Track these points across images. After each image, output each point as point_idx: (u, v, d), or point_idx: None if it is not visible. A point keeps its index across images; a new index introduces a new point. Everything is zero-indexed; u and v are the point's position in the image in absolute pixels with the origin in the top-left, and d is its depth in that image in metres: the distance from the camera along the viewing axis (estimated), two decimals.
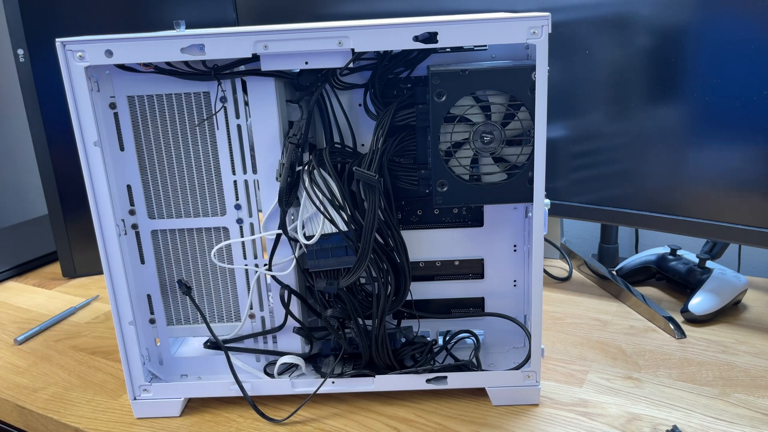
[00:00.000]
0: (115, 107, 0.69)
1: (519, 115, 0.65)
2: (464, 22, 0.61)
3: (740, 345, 0.85)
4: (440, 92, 0.64)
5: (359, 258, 0.68)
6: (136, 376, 0.74)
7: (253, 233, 0.73)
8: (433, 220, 0.77)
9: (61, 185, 1.13)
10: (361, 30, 0.62)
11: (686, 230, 0.88)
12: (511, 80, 0.64)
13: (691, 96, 0.82)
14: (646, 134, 0.87)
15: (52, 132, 1.11)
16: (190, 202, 0.73)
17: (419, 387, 0.74)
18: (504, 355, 0.79)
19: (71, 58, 0.63)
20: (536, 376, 0.73)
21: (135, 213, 0.72)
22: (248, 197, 0.72)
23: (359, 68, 0.70)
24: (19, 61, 1.07)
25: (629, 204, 0.91)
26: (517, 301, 0.78)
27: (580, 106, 0.90)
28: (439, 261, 0.78)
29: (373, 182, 0.66)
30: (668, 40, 0.82)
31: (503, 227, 0.76)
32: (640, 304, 0.95)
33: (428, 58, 0.70)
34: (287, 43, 0.63)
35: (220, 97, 0.69)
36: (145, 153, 0.71)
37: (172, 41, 0.62)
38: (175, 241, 0.74)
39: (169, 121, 0.70)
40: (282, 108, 0.70)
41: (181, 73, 0.67)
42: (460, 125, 0.66)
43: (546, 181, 0.66)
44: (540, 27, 0.61)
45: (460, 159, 0.67)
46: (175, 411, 0.75)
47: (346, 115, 0.73)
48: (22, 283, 1.19)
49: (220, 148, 0.70)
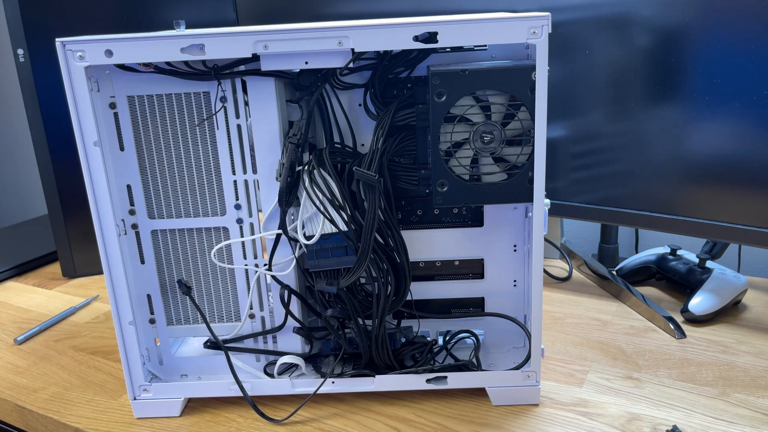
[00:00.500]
0: (115, 107, 0.69)
1: (519, 115, 0.65)
2: (464, 22, 0.61)
3: (740, 345, 0.85)
4: (440, 92, 0.64)
5: (359, 258, 0.68)
6: (136, 376, 0.74)
7: (253, 233, 0.73)
8: (433, 220, 0.77)
9: (61, 185, 1.13)
10: (361, 30, 0.62)
11: (686, 230, 0.88)
12: (511, 80, 0.64)
13: (691, 96, 0.82)
14: (646, 134, 0.87)
15: (52, 132, 1.11)
16: (190, 202, 0.73)
17: (419, 387, 0.74)
18: (504, 355, 0.79)
19: (71, 58, 0.63)
20: (536, 376, 0.73)
21: (135, 213, 0.72)
22: (248, 197, 0.72)
23: (359, 68, 0.70)
24: (19, 61, 1.07)
25: (629, 204, 0.91)
26: (517, 301, 0.78)
27: (580, 106, 0.90)
28: (439, 261, 0.78)
29: (373, 182, 0.66)
30: (668, 40, 0.82)
31: (503, 227, 0.76)
32: (640, 304, 0.95)
33: (428, 58, 0.70)
34: (287, 43, 0.63)
35: (220, 97, 0.69)
36: (145, 153, 0.71)
37: (172, 41, 0.62)
38: (175, 241, 0.74)
39: (169, 121, 0.70)
40: (282, 108, 0.70)
41: (181, 73, 0.67)
42: (460, 125, 0.66)
43: (546, 181, 0.66)
44: (540, 27, 0.61)
45: (460, 159, 0.67)
46: (175, 411, 0.75)
47: (346, 115, 0.73)
48: (22, 283, 1.19)
49: (220, 148, 0.70)
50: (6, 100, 1.86)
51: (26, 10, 1.05)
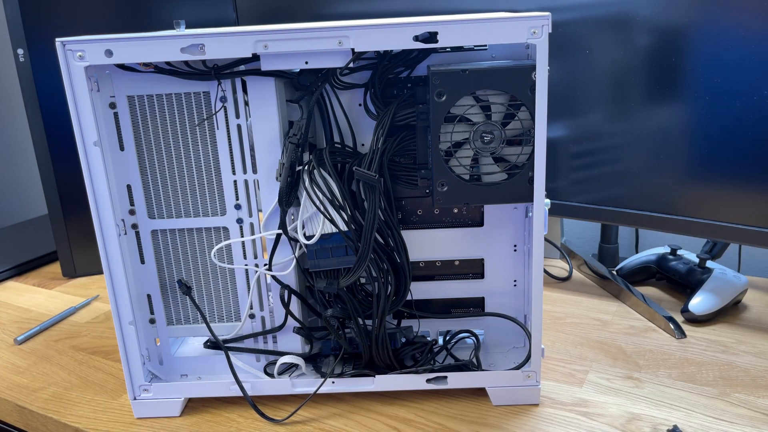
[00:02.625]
0: (115, 107, 0.69)
1: (519, 114, 0.65)
2: (465, 21, 0.61)
3: (740, 345, 0.85)
4: (440, 92, 0.64)
5: (359, 258, 0.68)
6: (136, 376, 0.74)
7: (253, 233, 0.73)
8: (433, 220, 0.77)
9: (61, 185, 1.13)
10: (361, 30, 0.62)
11: (686, 230, 0.88)
12: (511, 80, 0.64)
13: (691, 96, 0.82)
14: (646, 134, 0.87)
15: (52, 132, 1.11)
16: (190, 201, 0.73)
17: (419, 387, 0.74)
18: (504, 355, 0.79)
19: (71, 57, 0.63)
20: (536, 376, 0.73)
21: (135, 213, 0.72)
22: (248, 197, 0.72)
23: (359, 68, 0.70)
24: (19, 61, 1.07)
25: (629, 204, 0.91)
26: (518, 300, 0.78)
27: (580, 105, 0.90)
28: (439, 261, 0.78)
29: (373, 182, 0.66)
30: (667, 40, 0.82)
31: (503, 227, 0.76)
32: (640, 304, 0.95)
33: (428, 57, 0.70)
34: (287, 43, 0.63)
35: (220, 96, 0.69)
36: (145, 153, 0.71)
37: (172, 41, 0.62)
38: (175, 241, 0.74)
39: (169, 121, 0.70)
40: (282, 108, 0.70)
41: (181, 72, 0.67)
42: (460, 125, 0.66)
43: (546, 181, 0.66)
44: (540, 27, 0.61)
45: (460, 159, 0.67)
46: (175, 411, 0.75)
47: (346, 115, 0.73)
48: (22, 283, 1.19)
49: (220, 148, 0.70)
50: (6, 100, 1.86)
51: (26, 10, 1.05)
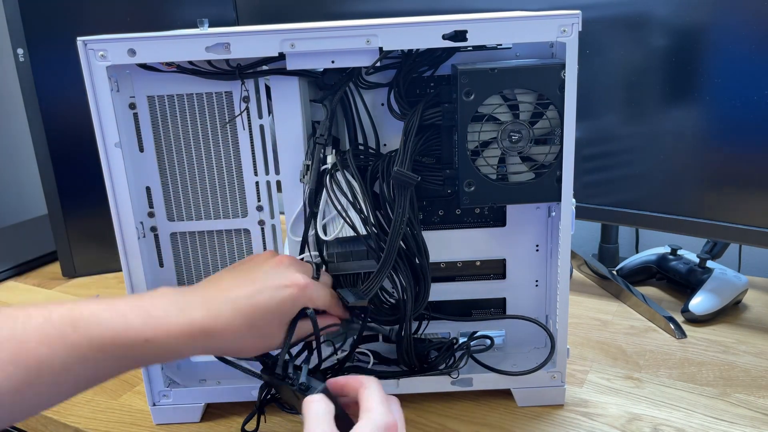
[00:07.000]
0: (134, 107, 0.68)
1: (547, 113, 0.64)
2: (494, 20, 0.61)
3: (741, 345, 0.85)
4: (468, 91, 0.64)
5: (383, 261, 0.67)
6: (156, 382, 0.72)
7: (275, 235, 0.72)
8: (454, 220, 0.76)
9: (61, 185, 1.11)
10: (389, 28, 0.61)
11: (686, 230, 0.88)
12: (540, 79, 0.63)
13: (691, 96, 0.82)
14: (647, 135, 0.87)
15: (52, 132, 1.09)
16: (211, 203, 0.71)
17: (444, 389, 0.73)
18: (525, 356, 0.78)
19: (93, 57, 0.61)
20: (561, 376, 0.73)
21: (154, 215, 0.71)
22: (270, 199, 0.71)
23: (384, 67, 0.69)
24: (19, 61, 1.05)
25: (629, 204, 0.92)
26: (539, 301, 0.77)
27: (586, 109, 0.90)
28: (461, 262, 0.77)
29: (412, 183, 0.65)
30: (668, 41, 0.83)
31: (526, 227, 0.75)
32: (640, 304, 0.95)
33: (452, 56, 0.69)
34: (314, 42, 0.62)
35: (243, 96, 0.67)
36: (165, 154, 0.69)
37: (197, 40, 0.61)
38: (195, 244, 0.72)
39: (190, 122, 0.69)
40: (306, 107, 0.69)
41: (205, 72, 0.66)
42: (487, 124, 0.65)
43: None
44: (570, 25, 0.60)
45: (487, 158, 0.66)
46: (196, 417, 0.74)
47: (370, 115, 0.72)
48: (22, 283, 1.17)
49: (242, 149, 0.69)
50: (6, 100, 1.84)
51: (26, 10, 1.03)
